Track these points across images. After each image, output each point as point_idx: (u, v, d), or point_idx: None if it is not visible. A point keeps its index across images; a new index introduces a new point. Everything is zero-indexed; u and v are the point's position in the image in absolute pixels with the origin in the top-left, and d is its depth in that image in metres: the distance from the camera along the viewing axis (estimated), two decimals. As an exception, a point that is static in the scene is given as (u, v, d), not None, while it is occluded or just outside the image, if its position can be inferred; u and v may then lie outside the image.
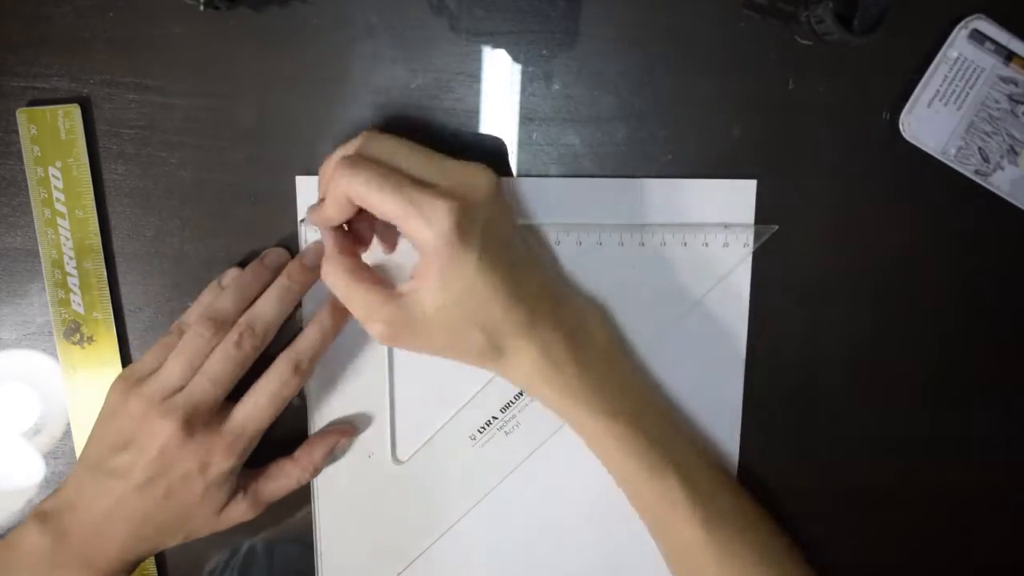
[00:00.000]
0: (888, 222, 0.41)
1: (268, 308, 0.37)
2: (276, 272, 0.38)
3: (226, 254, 0.40)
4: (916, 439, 0.43)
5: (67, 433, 0.41)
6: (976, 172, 0.40)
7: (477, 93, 0.39)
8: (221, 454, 0.35)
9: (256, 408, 0.36)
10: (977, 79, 0.39)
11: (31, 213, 0.39)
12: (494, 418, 0.41)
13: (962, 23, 0.39)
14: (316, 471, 0.40)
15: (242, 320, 0.37)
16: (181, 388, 0.36)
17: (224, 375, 0.36)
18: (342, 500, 0.42)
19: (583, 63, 0.39)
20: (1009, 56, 0.39)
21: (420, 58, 0.39)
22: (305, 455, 0.40)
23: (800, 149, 0.40)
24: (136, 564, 0.38)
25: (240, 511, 0.38)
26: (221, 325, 0.36)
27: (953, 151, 0.40)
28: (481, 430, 0.41)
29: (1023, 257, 0.42)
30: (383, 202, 0.32)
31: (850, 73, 0.40)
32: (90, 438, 0.37)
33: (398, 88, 0.39)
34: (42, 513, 0.36)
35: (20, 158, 0.39)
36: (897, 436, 0.43)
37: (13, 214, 0.39)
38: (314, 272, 0.38)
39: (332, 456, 0.41)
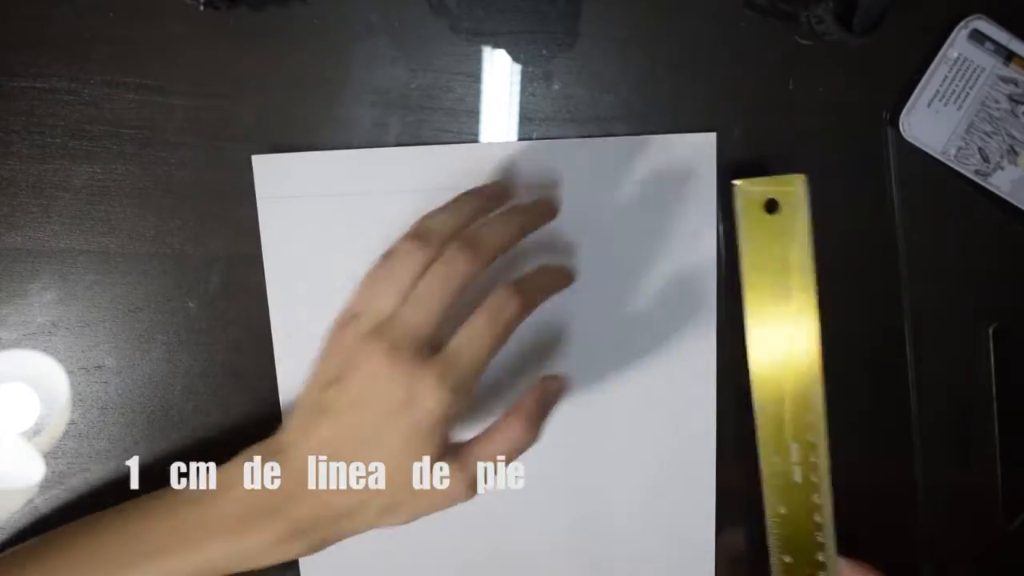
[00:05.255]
0: (888, 222, 0.41)
1: (490, 229, 0.33)
2: (496, 204, 0.36)
3: (226, 254, 0.40)
4: (937, 439, 0.43)
5: (67, 433, 0.41)
6: (976, 172, 0.40)
7: (477, 93, 0.39)
8: (430, 385, 0.31)
9: (472, 330, 0.32)
10: (977, 79, 0.39)
11: (31, 212, 0.39)
12: None
13: (962, 23, 0.39)
14: (536, 425, 0.33)
15: (458, 236, 0.33)
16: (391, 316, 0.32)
17: (431, 297, 0.32)
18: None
19: (583, 63, 0.39)
20: (1009, 56, 0.39)
21: (420, 58, 0.39)
22: (521, 405, 0.33)
23: (800, 149, 0.40)
24: (339, 532, 0.33)
25: (444, 482, 0.32)
26: (432, 243, 0.33)
27: (953, 151, 0.40)
28: None
29: (1023, 257, 0.42)
30: None
31: (850, 73, 0.40)
32: (306, 383, 0.34)
33: (398, 88, 0.39)
34: (254, 457, 0.34)
35: (20, 158, 0.39)
36: (899, 434, 0.43)
37: (13, 214, 0.39)
38: (544, 217, 0.36)
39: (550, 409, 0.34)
